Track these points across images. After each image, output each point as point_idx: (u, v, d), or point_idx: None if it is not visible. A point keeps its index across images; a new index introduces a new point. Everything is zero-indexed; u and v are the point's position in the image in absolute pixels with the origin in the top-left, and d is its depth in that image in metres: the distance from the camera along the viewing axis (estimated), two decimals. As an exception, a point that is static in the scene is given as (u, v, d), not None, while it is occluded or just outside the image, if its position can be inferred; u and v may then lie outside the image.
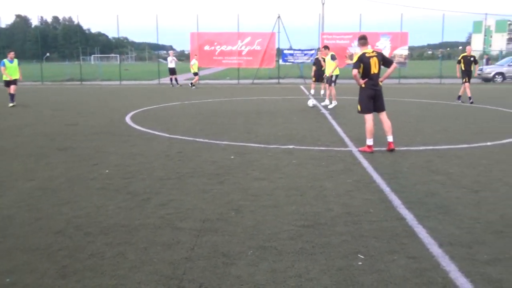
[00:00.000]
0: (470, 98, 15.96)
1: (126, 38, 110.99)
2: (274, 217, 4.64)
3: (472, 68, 16.01)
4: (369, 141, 7.69)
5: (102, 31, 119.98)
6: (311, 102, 14.86)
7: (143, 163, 7.03)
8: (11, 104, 15.55)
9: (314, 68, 17.82)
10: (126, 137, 9.40)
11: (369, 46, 7.82)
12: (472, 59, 15.98)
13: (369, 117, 7.78)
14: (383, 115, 7.88)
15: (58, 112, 14.09)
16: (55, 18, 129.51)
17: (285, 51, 30.52)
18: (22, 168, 6.79)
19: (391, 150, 7.66)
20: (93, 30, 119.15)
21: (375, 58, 7.62)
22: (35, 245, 3.98)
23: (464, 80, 16.06)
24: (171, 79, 26.89)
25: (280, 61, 30.93)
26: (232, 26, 31.73)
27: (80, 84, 30.57)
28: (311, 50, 30.03)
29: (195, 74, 25.87)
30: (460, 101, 16.41)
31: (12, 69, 15.91)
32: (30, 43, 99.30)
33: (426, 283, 3.27)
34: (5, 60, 15.88)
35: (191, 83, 25.23)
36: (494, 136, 9.28)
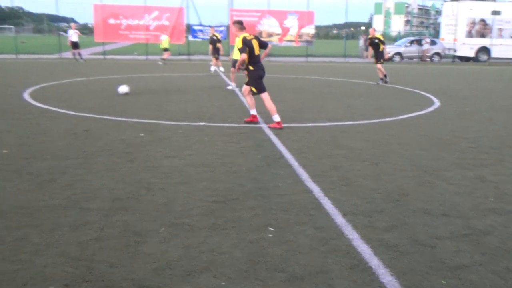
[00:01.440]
0: (381, 78, 16.32)
1: (21, 8, 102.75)
2: (185, 194, 4.64)
3: (381, 49, 16.10)
4: (276, 117, 7.95)
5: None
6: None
7: (45, 142, 6.65)
8: None
9: (211, 46, 18.58)
10: (26, 115, 8.79)
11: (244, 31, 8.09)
12: (376, 40, 16.24)
13: (266, 96, 8.09)
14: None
15: None
16: None
17: (194, 27, 30.10)
18: None
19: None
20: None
21: (255, 40, 7.96)
22: None
23: (374, 61, 16.43)
24: (73, 53, 25.44)
25: (190, 37, 30.46)
26: (138, -1, 30.46)
27: (-31, 57, 27.93)
28: (220, 26, 29.88)
29: (165, 50, 24.01)
30: (380, 82, 16.39)
31: None
32: None
33: (331, 251, 3.48)
34: None
35: (162, 59, 23.71)
36: (392, 112, 9.95)
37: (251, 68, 7.96)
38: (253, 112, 8.43)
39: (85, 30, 42.49)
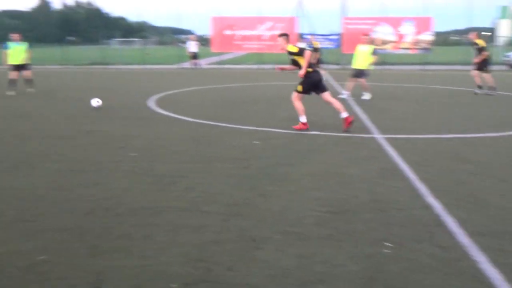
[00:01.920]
0: (479, 86, 14.76)
1: (146, 22, 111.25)
2: (299, 203, 4.64)
3: (482, 56, 14.64)
4: (303, 118, 8.42)
5: (123, 15, 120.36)
6: None
7: (168, 146, 7.09)
8: (10, 93, 13.89)
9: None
10: (151, 121, 9.48)
11: None
12: (477, 46, 14.71)
13: (300, 97, 8.62)
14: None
15: (82, 95, 14.25)
16: (77, 2, 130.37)
17: (306, 36, 30.24)
18: (50, 150, 6.91)
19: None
20: (114, 14, 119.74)
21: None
22: (66, 225, 4.06)
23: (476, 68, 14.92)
24: (192, 63, 26.94)
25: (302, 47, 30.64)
26: (252, 10, 31.63)
27: (102, 68, 30.85)
28: (332, 35, 29.70)
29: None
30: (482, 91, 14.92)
31: (17, 52, 14.22)
32: (53, 27, 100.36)
33: (455, 273, 3.24)
34: (9, 43, 14.34)
35: None
36: (523, 125, 9.08)
37: (309, 70, 8.33)
38: (303, 119, 8.43)
39: (202, 41, 44.78)
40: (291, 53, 8.37)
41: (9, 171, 5.74)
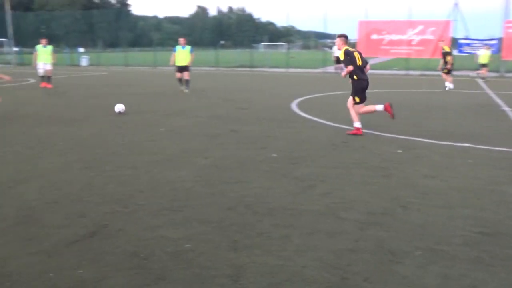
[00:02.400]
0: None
1: (293, 27, 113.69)
2: (445, 219, 4.32)
3: None
4: (357, 124, 8.43)
5: (272, 20, 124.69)
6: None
7: (308, 150, 7.14)
8: (183, 89, 15.79)
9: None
10: (292, 123, 9.64)
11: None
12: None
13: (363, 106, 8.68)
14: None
15: (230, 95, 15.07)
16: (230, 8, 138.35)
17: (461, 41, 28.18)
18: (199, 146, 7.41)
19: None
20: (263, 19, 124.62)
21: (357, 53, 8.57)
22: (210, 217, 4.31)
23: None
24: (336, 68, 26.82)
25: (455, 52, 28.64)
26: (403, 14, 30.40)
27: (250, 70, 32.28)
28: (491, 40, 27.20)
29: (483, 65, 22.52)
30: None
31: (181, 55, 15.82)
32: (207, 32, 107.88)
33: None
34: (177, 46, 16.06)
35: (478, 73, 22.76)
36: None
37: (355, 78, 8.38)
38: (357, 125, 8.39)
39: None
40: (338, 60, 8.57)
41: (163, 164, 6.28)
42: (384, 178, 5.67)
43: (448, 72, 17.58)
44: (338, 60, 26.58)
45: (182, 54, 15.82)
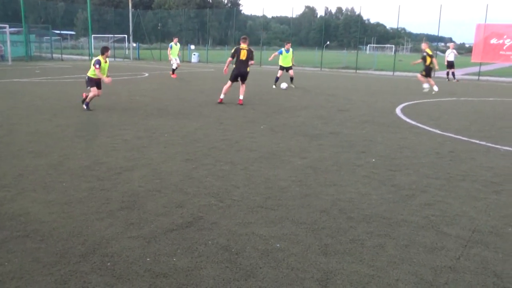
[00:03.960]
0: None
1: (403, 29, 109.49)
2: None
3: None
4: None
5: (381, 22, 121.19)
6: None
7: (410, 157, 6.81)
8: (280, 86, 17.47)
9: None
10: (395, 128, 9.27)
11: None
12: None
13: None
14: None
15: (332, 97, 14.89)
16: (339, 9, 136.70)
17: None
18: (298, 146, 7.40)
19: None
20: (372, 21, 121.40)
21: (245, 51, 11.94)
22: (302, 219, 4.28)
23: None
24: (447, 73, 25.32)
25: None
26: (528, 17, 27.90)
27: (354, 72, 31.65)
28: None
29: None
30: None
31: (285, 57, 17.79)
32: (314, 32, 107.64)
33: None
34: (283, 49, 18.02)
35: None
36: None
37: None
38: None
39: (461, 50, 41.70)
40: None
41: (260, 161, 6.36)
42: (494, 194, 5.23)
43: (427, 74, 17.13)
44: (449, 65, 25.11)
45: (287, 58, 17.80)
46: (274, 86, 17.63)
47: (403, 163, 6.45)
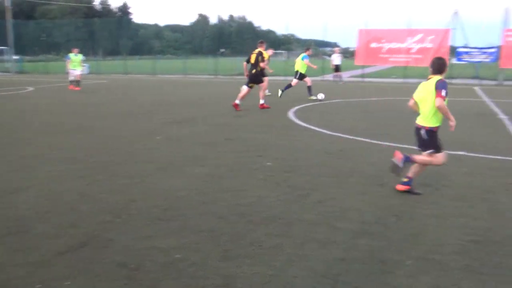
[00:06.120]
0: None
1: (293, 35, 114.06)
2: (437, 228, 4.32)
3: None
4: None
5: (272, 29, 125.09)
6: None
7: (303, 158, 7.14)
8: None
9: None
10: (288, 131, 9.65)
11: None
12: None
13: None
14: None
15: (228, 104, 15.08)
16: (231, 16, 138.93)
17: (459, 49, 28.23)
18: (195, 155, 7.41)
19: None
20: (264, 28, 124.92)
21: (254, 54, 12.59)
22: (202, 227, 4.31)
23: None
24: (334, 76, 26.86)
25: (453, 60, 28.70)
26: (402, 23, 30.72)
27: (248, 78, 32.28)
28: (490, 48, 27.26)
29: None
30: None
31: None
32: (208, 40, 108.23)
33: None
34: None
35: None
36: None
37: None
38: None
39: (346, 53, 44.33)
40: None
41: (158, 172, 6.29)
42: (379, 187, 5.67)
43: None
44: (336, 68, 26.68)
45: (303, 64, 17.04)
46: (314, 97, 16.37)
47: (297, 164, 6.74)
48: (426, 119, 5.33)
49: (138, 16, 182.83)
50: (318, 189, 5.52)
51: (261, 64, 12.58)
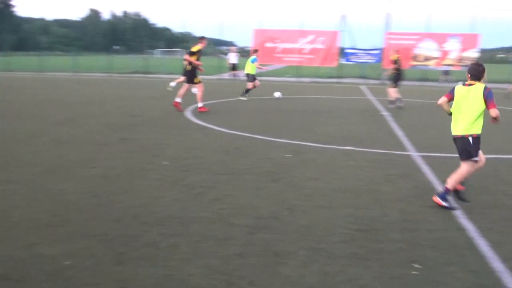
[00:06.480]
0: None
1: (190, 33, 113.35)
2: (327, 219, 4.57)
3: None
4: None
5: (168, 26, 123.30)
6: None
7: (200, 157, 7.14)
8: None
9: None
10: (185, 130, 9.59)
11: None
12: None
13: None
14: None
15: (122, 103, 14.61)
16: (125, 13, 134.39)
17: (347, 50, 30.03)
18: (86, 156, 7.08)
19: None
20: (159, 25, 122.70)
21: None
22: (94, 231, 4.13)
23: None
24: (233, 75, 27.17)
25: (342, 60, 30.47)
26: (295, 24, 32.04)
27: (144, 76, 31.55)
28: (374, 50, 29.36)
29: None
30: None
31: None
32: (100, 36, 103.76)
33: (486, 300, 3.10)
34: None
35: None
36: None
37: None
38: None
39: (243, 53, 45.04)
40: None
41: (45, 175, 5.91)
42: (274, 182, 5.85)
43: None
44: (233, 67, 27.02)
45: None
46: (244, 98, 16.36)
47: (194, 163, 6.73)
48: (472, 126, 5.00)
49: (23, 10, 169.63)
50: (215, 187, 5.56)
51: (188, 59, 12.36)
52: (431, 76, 28.35)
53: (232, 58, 26.95)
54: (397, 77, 14.64)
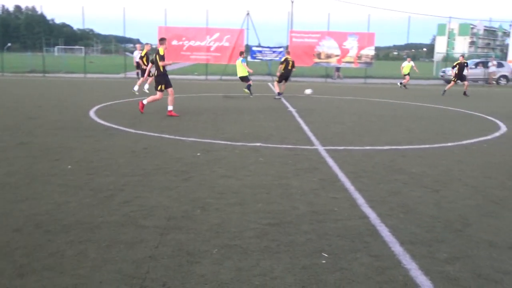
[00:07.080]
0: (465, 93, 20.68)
1: (91, 30, 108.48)
2: (239, 215, 4.63)
3: (464, 72, 20.99)
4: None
5: (67, 22, 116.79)
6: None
7: (107, 159, 6.89)
8: None
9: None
10: (90, 132, 9.19)
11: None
12: (465, 64, 21.12)
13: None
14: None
15: (19, 104, 13.65)
16: (18, 7, 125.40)
17: (253, 48, 30.54)
18: (-21, 162, 6.54)
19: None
20: (58, 21, 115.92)
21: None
22: (-9, 243, 3.84)
23: (455, 80, 20.99)
24: (137, 73, 26.44)
25: (249, 58, 30.93)
26: (201, 21, 32.01)
27: (42, 76, 29.73)
28: (279, 47, 30.15)
29: (406, 75, 25.61)
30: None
31: None
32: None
33: (387, 281, 3.33)
34: None
35: (401, 83, 25.70)
36: (455, 137, 9.56)
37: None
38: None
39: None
40: None
41: None
42: (184, 181, 5.81)
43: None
44: (138, 65, 26.30)
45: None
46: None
47: (101, 166, 6.48)
48: None
49: None
50: (124, 189, 5.40)
51: (161, 63, 11.50)
52: (332, 73, 29.68)
53: (138, 56, 26.20)
54: (284, 75, 17.39)
